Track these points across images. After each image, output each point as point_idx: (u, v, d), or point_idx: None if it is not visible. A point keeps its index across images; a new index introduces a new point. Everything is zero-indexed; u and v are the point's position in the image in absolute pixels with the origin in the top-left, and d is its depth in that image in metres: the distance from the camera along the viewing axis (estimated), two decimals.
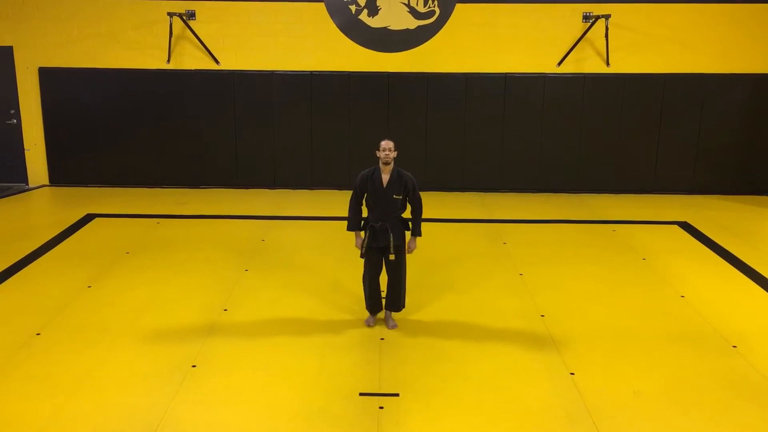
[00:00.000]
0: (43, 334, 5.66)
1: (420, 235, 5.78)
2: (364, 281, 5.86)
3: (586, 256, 8.01)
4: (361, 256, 5.78)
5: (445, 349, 5.45)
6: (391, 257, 5.64)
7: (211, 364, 5.15)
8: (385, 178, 5.60)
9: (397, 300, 5.84)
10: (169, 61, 11.36)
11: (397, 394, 4.73)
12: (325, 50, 11.34)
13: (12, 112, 11.63)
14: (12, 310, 6.19)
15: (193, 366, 5.11)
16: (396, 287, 5.80)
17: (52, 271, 7.26)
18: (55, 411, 4.46)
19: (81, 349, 5.38)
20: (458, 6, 11.15)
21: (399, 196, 5.61)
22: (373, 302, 5.87)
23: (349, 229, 5.78)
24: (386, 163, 5.58)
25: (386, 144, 5.57)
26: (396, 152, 5.60)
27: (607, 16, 10.87)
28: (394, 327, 5.80)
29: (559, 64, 11.37)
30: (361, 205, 5.75)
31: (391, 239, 5.59)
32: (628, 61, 11.32)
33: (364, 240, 5.69)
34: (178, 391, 4.72)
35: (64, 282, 6.90)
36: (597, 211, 10.35)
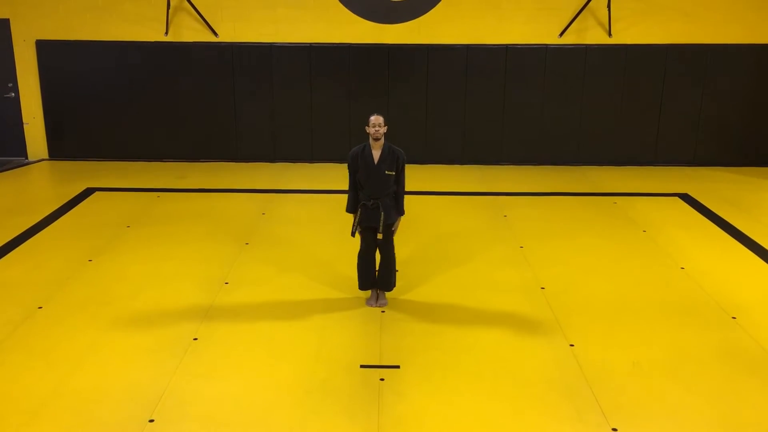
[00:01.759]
0: (45, 308, 5.68)
1: (403, 213, 5.68)
2: (358, 262, 5.78)
3: (586, 229, 8.01)
4: (352, 235, 5.67)
5: (446, 322, 5.47)
6: (379, 236, 5.54)
7: (213, 338, 5.18)
8: (376, 154, 5.45)
9: (387, 279, 5.76)
10: (167, 33, 11.25)
11: (397, 367, 4.75)
12: (325, 22, 11.22)
13: (10, 85, 11.56)
14: (13, 284, 6.21)
15: (195, 339, 5.13)
16: (386, 266, 5.72)
17: (52, 246, 7.27)
18: (58, 384, 4.49)
19: (83, 322, 5.41)
20: None
21: (391, 171, 5.47)
22: (365, 280, 5.79)
23: (348, 210, 5.68)
24: (377, 139, 5.42)
25: (376, 119, 5.39)
26: (386, 127, 5.44)
27: None
28: (383, 305, 5.75)
29: (561, 35, 11.25)
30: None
31: (381, 218, 5.49)
32: (630, 32, 11.20)
33: (355, 219, 5.60)
34: (179, 364, 4.75)
35: (65, 256, 6.91)
36: (598, 184, 10.33)
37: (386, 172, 5.45)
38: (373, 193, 5.49)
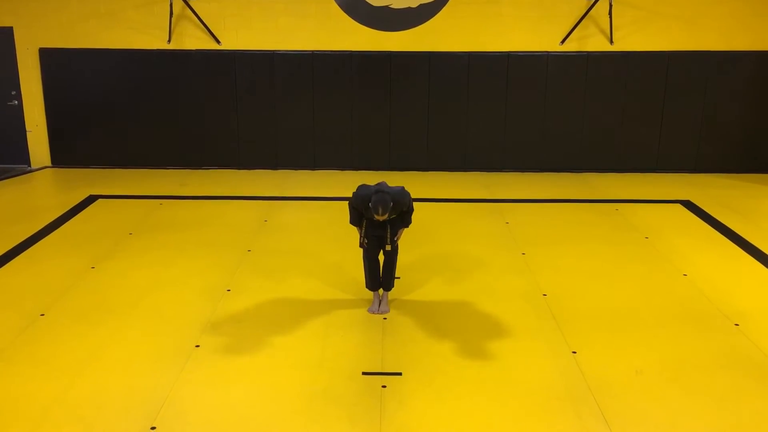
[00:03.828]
0: (47, 315, 5.68)
1: (409, 224, 5.73)
2: (364, 263, 5.83)
3: (588, 236, 8.00)
4: (360, 246, 5.71)
5: (448, 329, 5.47)
6: (388, 248, 5.62)
7: (215, 345, 5.17)
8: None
9: (388, 281, 5.84)
10: (169, 41, 11.29)
11: (399, 374, 4.75)
12: (327, 30, 11.25)
13: (13, 93, 11.59)
14: (16, 291, 6.21)
15: (197, 346, 5.13)
16: (388, 271, 5.79)
17: (55, 253, 7.28)
18: (60, 392, 4.49)
19: (85, 330, 5.41)
20: None
21: (395, 215, 5.49)
22: (373, 282, 5.84)
23: (352, 223, 5.69)
24: None
25: (381, 216, 5.23)
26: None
27: None
28: (385, 312, 5.76)
29: (562, 42, 11.27)
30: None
31: (389, 231, 5.55)
32: (631, 39, 11.22)
33: (362, 230, 5.63)
34: (181, 372, 4.74)
35: (68, 263, 6.91)
36: (600, 190, 10.32)
37: (390, 218, 5.47)
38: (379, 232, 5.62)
